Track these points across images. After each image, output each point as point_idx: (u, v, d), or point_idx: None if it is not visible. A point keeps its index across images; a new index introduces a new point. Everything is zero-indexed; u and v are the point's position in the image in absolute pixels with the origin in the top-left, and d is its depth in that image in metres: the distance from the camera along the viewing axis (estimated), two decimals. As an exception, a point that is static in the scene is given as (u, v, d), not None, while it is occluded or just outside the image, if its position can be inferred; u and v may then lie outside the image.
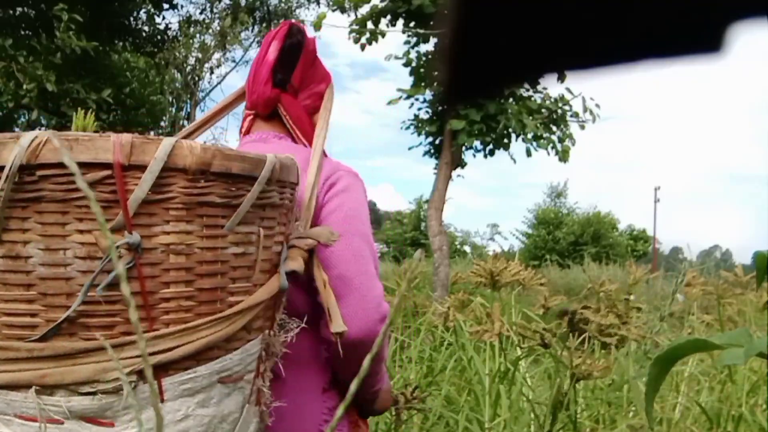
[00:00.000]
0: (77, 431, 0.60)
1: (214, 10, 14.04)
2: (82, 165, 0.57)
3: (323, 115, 1.02)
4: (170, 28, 11.04)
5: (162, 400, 0.62)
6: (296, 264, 0.77)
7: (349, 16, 6.84)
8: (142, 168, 0.59)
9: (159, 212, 0.61)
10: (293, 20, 1.08)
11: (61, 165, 0.57)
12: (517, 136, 6.66)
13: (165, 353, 0.62)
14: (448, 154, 6.54)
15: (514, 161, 6.91)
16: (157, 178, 0.59)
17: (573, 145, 6.79)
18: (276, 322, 0.78)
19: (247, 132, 1.05)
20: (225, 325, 0.65)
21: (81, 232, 0.59)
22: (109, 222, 0.57)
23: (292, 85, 1.01)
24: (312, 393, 0.93)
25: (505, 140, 6.61)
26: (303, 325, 0.82)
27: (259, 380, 0.74)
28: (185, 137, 1.01)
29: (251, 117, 1.04)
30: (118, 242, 0.58)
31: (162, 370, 0.62)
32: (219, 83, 16.04)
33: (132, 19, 8.40)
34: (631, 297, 2.13)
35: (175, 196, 0.61)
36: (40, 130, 0.56)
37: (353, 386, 0.25)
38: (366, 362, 0.25)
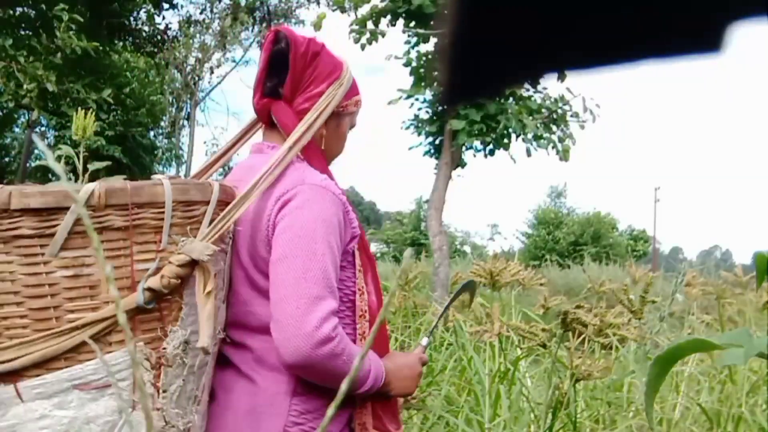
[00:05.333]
0: None
1: (214, 10, 14.03)
2: None
3: (307, 117, 0.98)
4: (170, 28, 11.04)
5: (21, 401, 0.73)
6: (155, 281, 0.79)
7: (349, 16, 6.83)
8: None
9: None
10: (281, 26, 1.07)
11: None
12: (517, 136, 6.66)
13: (6, 363, 0.73)
14: (448, 154, 6.54)
15: (514, 161, 6.91)
16: None
17: (573, 144, 6.79)
18: (164, 335, 0.82)
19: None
20: (62, 339, 0.74)
21: None
22: None
23: (282, 93, 1.00)
24: (281, 395, 0.95)
25: (505, 140, 6.61)
26: (186, 335, 0.84)
27: (149, 388, 0.79)
28: (215, 161, 1.09)
29: (262, 126, 1.07)
30: None
31: (15, 375, 0.73)
32: (219, 83, 16.02)
33: (132, 19, 8.40)
34: (632, 296, 2.13)
35: None
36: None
37: (341, 390, 0.24)
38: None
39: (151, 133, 14.12)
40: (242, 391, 0.96)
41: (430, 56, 6.81)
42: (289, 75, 1.00)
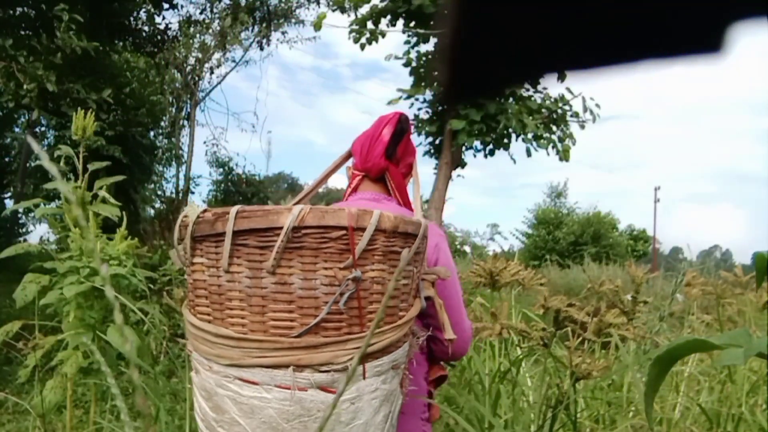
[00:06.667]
0: (315, 396, 0.92)
1: (214, 10, 14.01)
2: (328, 227, 0.91)
3: (416, 181, 1.35)
4: (170, 28, 11.02)
5: (364, 377, 0.96)
6: (430, 291, 1.12)
7: (349, 16, 6.83)
8: (363, 229, 0.93)
9: (369, 257, 0.95)
10: (401, 111, 1.42)
11: (316, 227, 0.90)
12: (517, 136, 6.66)
13: (370, 347, 0.95)
14: (448, 154, 6.54)
15: (514, 161, 6.91)
16: (371, 236, 0.93)
17: (573, 144, 6.79)
18: (411, 331, 1.12)
19: (355, 189, 1.40)
20: (398, 330, 1.00)
21: (325, 269, 0.92)
22: (343, 263, 0.92)
23: (396, 158, 1.37)
24: (422, 379, 1.31)
25: (505, 140, 6.61)
26: (429, 333, 1.18)
27: (405, 369, 1.08)
28: (308, 193, 1.37)
29: (360, 177, 1.40)
30: (348, 276, 0.91)
31: (367, 357, 0.97)
32: (219, 83, 16.01)
33: (132, 19, 8.41)
34: (628, 297, 2.13)
35: (378, 247, 0.95)
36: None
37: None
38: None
39: (151, 133, 14.09)
40: None
41: (430, 56, 6.81)
42: (402, 146, 1.37)
